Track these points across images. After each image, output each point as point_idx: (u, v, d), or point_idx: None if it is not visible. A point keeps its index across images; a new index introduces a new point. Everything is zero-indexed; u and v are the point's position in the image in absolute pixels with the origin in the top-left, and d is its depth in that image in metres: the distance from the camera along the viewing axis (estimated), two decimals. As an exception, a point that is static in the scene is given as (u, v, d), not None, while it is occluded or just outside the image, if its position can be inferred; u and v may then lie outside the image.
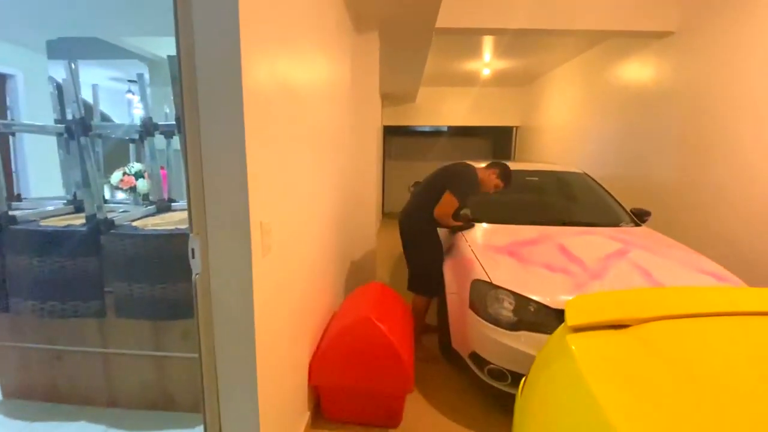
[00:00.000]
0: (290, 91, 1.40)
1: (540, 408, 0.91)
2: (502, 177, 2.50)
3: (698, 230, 3.04)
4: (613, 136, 4.31)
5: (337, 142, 2.33)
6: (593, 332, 0.85)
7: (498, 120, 7.53)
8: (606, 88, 4.50)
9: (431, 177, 2.65)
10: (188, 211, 1.08)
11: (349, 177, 2.94)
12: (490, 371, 1.91)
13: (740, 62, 2.74)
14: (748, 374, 0.70)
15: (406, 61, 4.27)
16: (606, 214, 2.85)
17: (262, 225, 1.14)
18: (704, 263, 2.09)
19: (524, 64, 5.65)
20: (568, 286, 1.88)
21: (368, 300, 2.08)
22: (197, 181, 1.06)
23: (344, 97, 2.65)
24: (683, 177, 3.25)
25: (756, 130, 2.61)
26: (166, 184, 2.10)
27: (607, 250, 2.18)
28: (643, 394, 0.70)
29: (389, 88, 5.93)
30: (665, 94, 3.49)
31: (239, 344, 1.13)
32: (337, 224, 2.43)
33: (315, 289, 1.86)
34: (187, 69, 1.04)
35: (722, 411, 0.63)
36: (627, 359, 0.78)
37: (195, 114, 1.04)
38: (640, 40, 3.75)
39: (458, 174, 2.47)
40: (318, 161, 1.86)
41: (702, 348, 0.80)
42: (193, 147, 1.05)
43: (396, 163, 8.61)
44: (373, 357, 1.78)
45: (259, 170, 1.12)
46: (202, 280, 1.10)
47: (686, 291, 1.05)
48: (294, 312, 1.52)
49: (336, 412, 1.89)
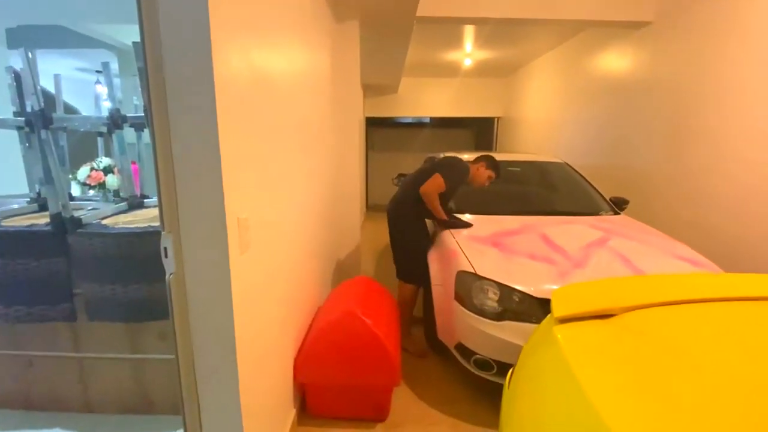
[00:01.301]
0: (267, 80, 1.35)
1: (528, 399, 0.91)
2: (491, 167, 2.52)
3: (675, 217, 3.12)
4: (593, 126, 4.38)
5: (318, 134, 2.28)
6: (579, 323, 0.85)
7: (480, 111, 7.56)
8: (585, 78, 4.55)
9: (423, 167, 2.67)
10: (159, 207, 1.02)
11: (331, 170, 2.89)
12: (476, 361, 1.92)
13: (716, 52, 2.80)
14: (732, 359, 0.70)
15: (387, 51, 4.20)
16: (586, 203, 2.89)
17: (240, 221, 1.09)
18: (681, 249, 2.14)
19: (505, 55, 5.66)
20: (551, 275, 1.89)
21: (353, 294, 2.06)
22: (168, 176, 1.00)
23: (324, 87, 2.58)
24: (660, 166, 3.33)
25: (731, 119, 2.68)
26: (138, 180, 2.01)
27: (589, 238, 2.21)
28: (629, 383, 0.70)
29: (371, 79, 5.86)
30: (643, 85, 3.55)
31: (218, 344, 1.09)
32: (320, 218, 2.38)
33: (298, 285, 1.82)
34: (152, 57, 0.97)
35: (708, 396, 0.63)
36: (612, 349, 0.78)
37: (163, 105, 0.98)
38: (619, 31, 3.80)
39: (450, 163, 2.50)
40: (298, 154, 1.81)
41: (685, 334, 0.81)
42: (162, 140, 0.99)
43: (379, 155, 8.56)
44: (359, 351, 1.76)
45: (234, 164, 1.06)
46: (176, 279, 1.05)
47: (668, 278, 1.06)
48: (277, 309, 1.48)
49: (322, 408, 1.87)
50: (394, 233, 2.54)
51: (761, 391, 0.60)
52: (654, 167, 3.41)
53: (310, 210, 2.09)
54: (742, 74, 2.59)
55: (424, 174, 2.46)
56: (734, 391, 0.63)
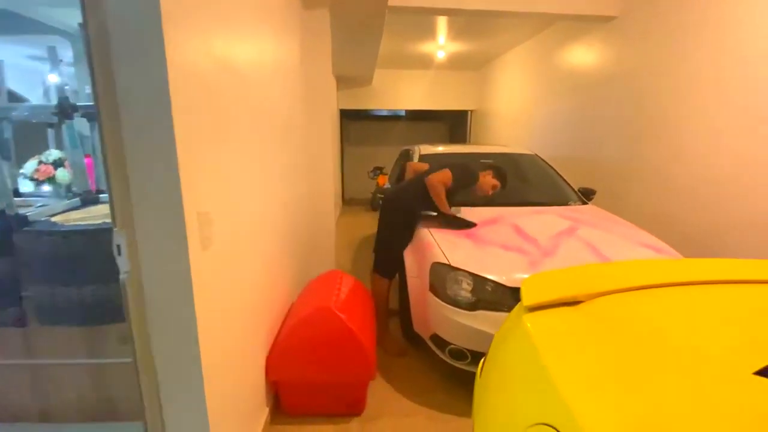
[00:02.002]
0: (230, 68, 1.28)
1: (498, 388, 0.91)
2: (498, 177, 2.53)
3: (638, 207, 3.25)
4: (562, 119, 4.48)
5: (287, 125, 2.21)
6: (548, 310, 0.86)
7: (453, 104, 7.61)
8: (555, 71, 4.64)
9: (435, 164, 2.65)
10: (110, 202, 0.95)
11: (303, 162, 2.82)
12: (451, 351, 1.93)
13: (676, 48, 2.91)
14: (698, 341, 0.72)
15: (359, 41, 4.13)
16: (556, 194, 2.96)
17: (200, 215, 1.03)
18: (644, 237, 2.22)
19: (477, 48, 5.70)
20: (522, 264, 1.92)
21: (327, 289, 2.02)
22: (118, 169, 0.93)
23: (294, 77, 2.51)
24: (625, 157, 3.45)
25: (690, 114, 2.80)
26: (92, 174, 1.88)
27: (558, 228, 2.26)
28: (596, 369, 0.71)
29: (344, 70, 5.76)
30: (609, 78, 3.65)
31: (180, 346, 1.03)
32: (292, 212, 2.32)
33: (269, 281, 1.76)
34: (98, 41, 0.90)
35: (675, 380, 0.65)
36: (580, 335, 0.79)
37: (111, 92, 0.91)
38: (587, 25, 3.89)
39: (462, 165, 2.49)
40: (266, 146, 1.74)
41: (650, 318, 0.83)
42: (110, 130, 0.92)
43: (355, 148, 8.48)
44: (334, 347, 1.73)
45: (192, 155, 1.00)
46: (132, 279, 0.98)
47: (632, 265, 1.09)
48: (245, 306, 1.43)
49: (297, 406, 1.83)
50: (384, 226, 2.52)
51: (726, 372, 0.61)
52: (619, 159, 3.53)
53: (281, 204, 2.03)
54: (701, 70, 2.70)
55: (433, 170, 2.44)
56: (702, 374, 0.64)
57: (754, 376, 0.58)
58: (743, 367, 0.61)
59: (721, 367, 0.63)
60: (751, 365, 0.60)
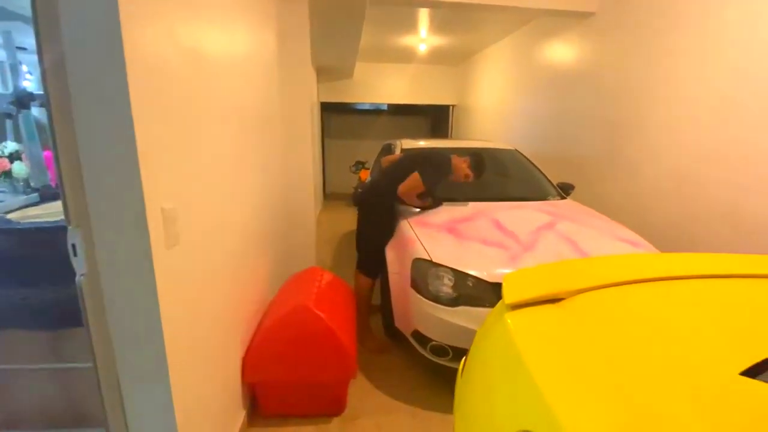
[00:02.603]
0: (197, 57, 1.20)
1: (480, 387, 0.89)
2: (473, 168, 2.47)
3: (615, 201, 3.31)
4: (541, 114, 4.52)
5: (263, 118, 2.13)
6: (529, 308, 0.84)
7: (435, 98, 7.59)
8: (534, 67, 4.67)
9: (401, 159, 2.57)
10: (62, 198, 0.87)
11: (282, 156, 2.74)
12: (433, 348, 1.92)
13: (651, 45, 2.95)
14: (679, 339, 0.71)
15: (340, 32, 4.05)
16: (536, 189, 2.98)
17: (165, 211, 0.96)
18: (621, 231, 2.26)
19: (459, 42, 5.68)
20: (503, 259, 1.92)
21: (306, 286, 1.97)
22: (70, 161, 0.85)
23: (270, 67, 2.42)
24: (602, 153, 3.51)
25: (664, 110, 2.85)
26: (52, 168, 1.76)
27: (538, 222, 2.27)
28: (578, 368, 0.69)
29: (324, 62, 5.65)
30: (586, 75, 3.70)
31: (144, 349, 0.97)
32: (269, 207, 2.25)
33: (244, 279, 1.70)
34: (46, 22, 0.82)
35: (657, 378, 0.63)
36: (561, 333, 0.78)
37: (62, 79, 0.83)
38: (566, 21, 3.91)
39: (429, 160, 2.40)
40: (240, 138, 1.67)
41: (632, 316, 0.82)
42: (61, 119, 0.84)
43: (336, 142, 8.37)
44: (313, 346, 1.69)
45: (155, 148, 0.93)
46: (89, 281, 0.91)
47: (613, 260, 1.09)
48: (218, 306, 1.37)
49: (275, 407, 1.78)
50: (363, 224, 2.46)
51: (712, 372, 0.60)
52: (597, 154, 3.58)
53: (257, 199, 1.96)
54: (675, 67, 2.76)
55: (404, 169, 2.38)
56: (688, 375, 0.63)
57: (741, 377, 0.57)
58: (729, 367, 0.60)
59: (708, 367, 0.62)
60: (737, 364, 0.59)
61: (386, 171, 2.55)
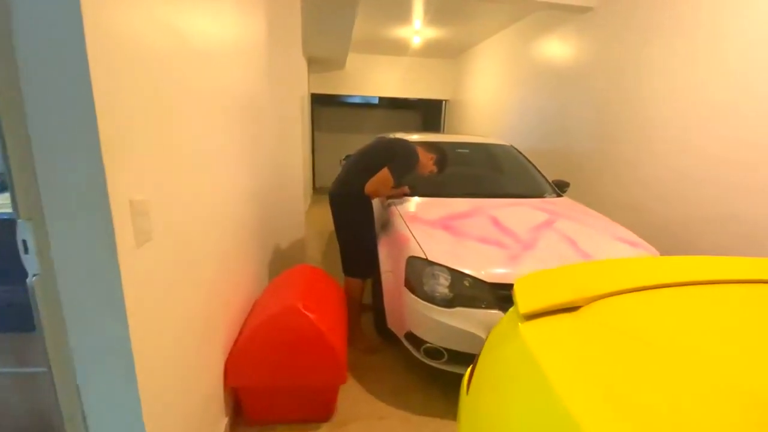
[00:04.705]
0: (177, 33, 1.08)
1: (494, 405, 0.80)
2: (437, 163, 2.36)
3: (611, 199, 3.27)
4: (536, 110, 4.46)
5: (251, 106, 2.00)
6: (545, 318, 0.76)
7: (428, 93, 7.49)
8: (531, 62, 4.61)
9: (369, 149, 2.41)
10: (9, 186, 0.75)
11: (270, 147, 2.62)
12: (427, 350, 1.83)
13: (650, 42, 2.90)
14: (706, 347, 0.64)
15: (332, 20, 3.90)
16: (532, 186, 2.91)
17: (134, 204, 0.85)
18: (620, 231, 2.20)
19: (453, 35, 5.58)
20: (502, 258, 1.84)
21: (294, 285, 1.86)
22: (19, 143, 0.73)
23: (259, 54, 2.29)
24: (599, 150, 3.46)
25: (663, 107, 2.81)
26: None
27: (536, 220, 2.20)
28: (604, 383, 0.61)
29: (316, 51, 5.50)
30: (583, 70, 3.64)
31: (108, 356, 0.86)
32: (256, 200, 2.13)
33: (228, 278, 1.59)
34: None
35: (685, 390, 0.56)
36: (584, 348, 0.69)
37: (6, 49, 0.71)
38: (563, 16, 3.84)
39: (400, 153, 2.26)
40: (224, 126, 1.54)
41: (655, 324, 0.74)
42: (8, 96, 0.72)
43: (326, 135, 8.21)
44: (301, 349, 1.58)
45: (123, 132, 0.82)
46: (43, 282, 0.80)
47: (627, 264, 1.02)
48: (197, 307, 1.26)
49: (260, 413, 1.68)
50: (338, 222, 2.31)
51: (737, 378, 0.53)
52: (592, 151, 3.54)
53: (242, 192, 1.84)
54: (675, 66, 2.71)
55: (373, 162, 2.21)
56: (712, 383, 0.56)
57: None
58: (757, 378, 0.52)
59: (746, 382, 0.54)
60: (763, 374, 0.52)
61: (352, 165, 2.34)
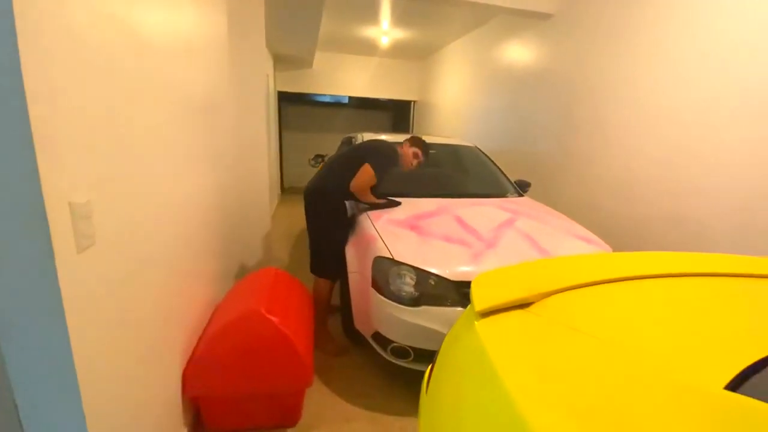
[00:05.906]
0: (125, 29, 1.02)
1: (449, 402, 0.82)
2: (421, 154, 2.43)
3: (570, 199, 3.42)
4: (500, 112, 4.60)
5: (209, 103, 1.93)
6: (500, 315, 0.78)
7: (397, 93, 7.54)
8: (494, 66, 4.74)
9: (348, 152, 2.44)
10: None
11: (233, 146, 2.53)
12: (393, 350, 1.84)
13: (606, 48, 3.06)
14: (657, 344, 0.68)
15: (298, 17, 3.84)
16: (495, 186, 3.00)
17: (74, 206, 0.79)
18: (577, 229, 2.31)
19: (420, 37, 5.65)
20: (465, 257, 1.88)
21: (257, 289, 1.81)
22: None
23: (220, 49, 2.21)
24: (558, 151, 3.61)
25: (618, 111, 2.97)
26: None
27: (498, 219, 2.27)
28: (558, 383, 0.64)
29: (282, 48, 5.39)
30: (544, 75, 3.78)
31: (47, 371, 0.80)
32: (216, 201, 2.05)
33: (184, 283, 1.52)
34: None
35: (636, 386, 0.59)
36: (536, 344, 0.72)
37: None
38: (524, 21, 3.98)
39: (378, 149, 2.32)
40: (181, 123, 1.48)
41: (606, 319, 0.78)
42: None
43: (295, 134, 8.07)
44: (264, 354, 1.54)
45: (61, 128, 0.76)
46: (-32, 293, 0.73)
47: (579, 260, 1.06)
48: (149, 315, 1.19)
49: (223, 421, 1.62)
50: (312, 223, 2.30)
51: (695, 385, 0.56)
52: (552, 152, 3.69)
53: (200, 192, 1.77)
54: (626, 70, 2.87)
55: (352, 161, 2.24)
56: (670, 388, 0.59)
57: (725, 392, 0.53)
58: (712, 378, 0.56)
59: (690, 377, 0.58)
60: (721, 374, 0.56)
61: (332, 165, 2.37)
